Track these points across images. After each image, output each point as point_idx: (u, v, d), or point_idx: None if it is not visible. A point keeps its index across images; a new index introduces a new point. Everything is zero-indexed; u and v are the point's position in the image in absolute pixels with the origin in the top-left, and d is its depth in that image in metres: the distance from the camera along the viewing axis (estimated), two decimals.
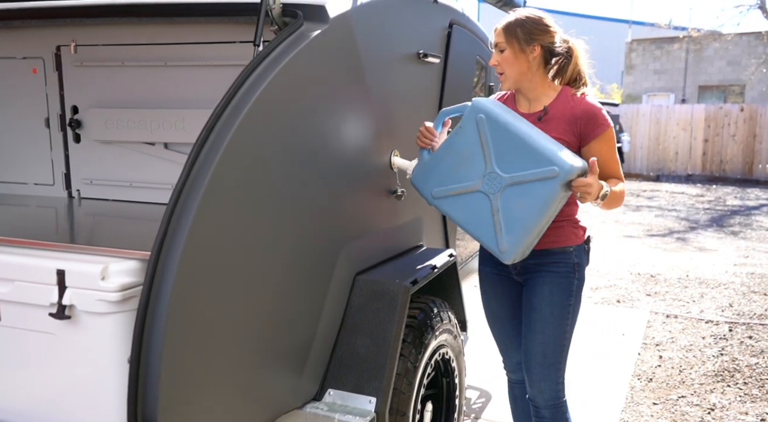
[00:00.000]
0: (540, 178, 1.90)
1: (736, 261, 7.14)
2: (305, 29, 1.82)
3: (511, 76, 2.12)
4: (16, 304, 1.60)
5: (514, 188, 1.95)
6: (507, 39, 2.11)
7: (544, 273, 2.18)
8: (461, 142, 2.04)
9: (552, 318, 2.17)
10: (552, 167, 1.88)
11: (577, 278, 2.19)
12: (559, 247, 2.17)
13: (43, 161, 2.74)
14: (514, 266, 2.24)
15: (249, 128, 1.59)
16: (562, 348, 2.20)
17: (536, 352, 2.20)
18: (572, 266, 2.18)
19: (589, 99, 2.13)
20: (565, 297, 2.17)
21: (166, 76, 2.51)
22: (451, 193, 2.06)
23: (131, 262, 1.56)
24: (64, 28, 2.55)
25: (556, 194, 1.89)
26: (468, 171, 2.03)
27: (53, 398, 1.61)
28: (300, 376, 1.92)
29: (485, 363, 3.88)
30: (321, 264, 1.95)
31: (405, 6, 2.46)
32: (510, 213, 1.96)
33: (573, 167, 1.88)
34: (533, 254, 2.14)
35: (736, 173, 16.90)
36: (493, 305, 2.38)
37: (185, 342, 1.47)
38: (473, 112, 2.03)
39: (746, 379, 3.82)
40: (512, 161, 1.95)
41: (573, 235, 2.20)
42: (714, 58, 20.91)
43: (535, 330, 2.19)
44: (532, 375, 2.22)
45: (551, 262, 2.17)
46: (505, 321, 2.37)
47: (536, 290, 2.19)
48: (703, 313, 5.19)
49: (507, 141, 1.96)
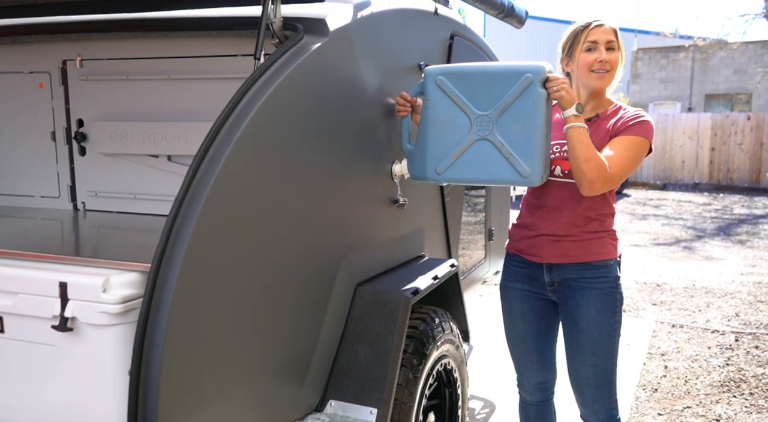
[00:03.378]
0: (520, 92, 1.98)
1: (743, 270, 7.10)
2: (305, 42, 1.84)
3: (611, 77, 2.11)
4: (19, 316, 1.61)
5: (503, 117, 2.02)
6: (617, 40, 2.10)
7: (587, 291, 2.12)
8: (435, 112, 2.10)
9: (602, 339, 2.11)
10: (525, 76, 1.97)
11: (619, 293, 2.15)
12: (600, 260, 2.13)
13: (49, 174, 2.77)
14: (551, 283, 2.19)
15: (249, 140, 1.61)
16: (613, 366, 2.15)
17: (588, 375, 2.15)
18: (614, 281, 2.13)
19: (641, 111, 2.13)
20: (611, 315, 2.12)
21: (169, 89, 2.54)
22: (454, 158, 2.09)
23: (132, 274, 1.58)
24: (70, 43, 2.59)
25: (542, 98, 1.97)
26: (456, 132, 2.08)
27: (55, 410, 1.62)
28: (301, 387, 1.93)
29: (489, 373, 3.87)
30: (322, 275, 1.96)
31: (406, 18, 2.48)
32: (513, 140, 2.01)
33: (542, 66, 1.97)
34: (573, 269, 2.11)
35: (743, 182, 16.83)
36: (518, 324, 2.30)
37: (185, 353, 1.48)
38: (430, 78, 2.10)
39: (752, 390, 3.80)
40: (488, 97, 2.02)
41: (612, 247, 2.15)
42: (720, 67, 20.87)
43: (585, 353, 2.14)
44: (585, 397, 2.18)
45: (594, 277, 2.12)
46: (529, 342, 2.30)
47: (582, 311, 2.13)
48: (709, 323, 5.16)
49: (473, 83, 2.04)
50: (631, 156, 2.04)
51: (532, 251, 2.22)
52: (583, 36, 2.10)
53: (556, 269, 2.19)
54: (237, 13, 2.20)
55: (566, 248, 2.15)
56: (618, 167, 2.01)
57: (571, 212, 2.14)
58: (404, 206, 2.38)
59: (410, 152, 2.22)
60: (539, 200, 2.22)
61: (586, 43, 2.10)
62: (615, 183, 2.04)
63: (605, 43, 2.09)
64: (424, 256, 2.67)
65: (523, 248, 2.26)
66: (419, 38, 2.59)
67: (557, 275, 2.18)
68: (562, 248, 2.16)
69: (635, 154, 2.05)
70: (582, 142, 1.97)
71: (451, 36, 2.89)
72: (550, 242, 2.17)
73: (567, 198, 2.14)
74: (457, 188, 3.04)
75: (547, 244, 2.18)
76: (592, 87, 2.13)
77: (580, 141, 1.97)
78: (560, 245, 2.16)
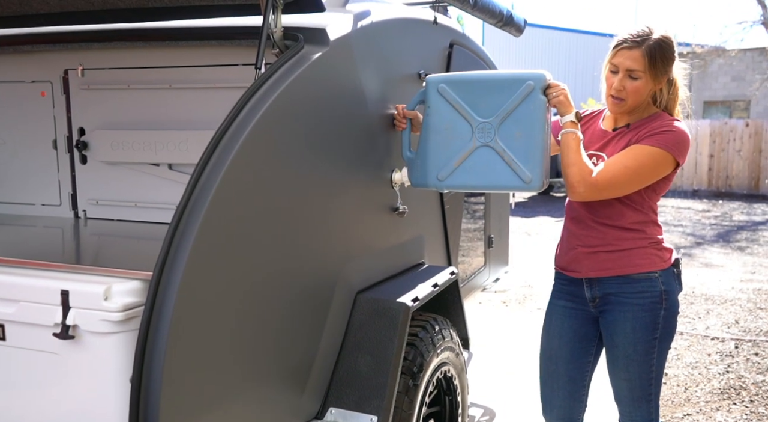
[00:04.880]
0: (521, 99, 2.01)
1: (742, 277, 7.11)
2: (306, 52, 1.85)
3: (632, 105, 2.00)
4: (21, 324, 1.62)
5: (505, 124, 2.04)
6: (649, 68, 1.92)
7: (626, 306, 2.05)
8: (437, 119, 2.12)
9: (636, 356, 2.07)
10: (527, 83, 2.00)
11: (665, 308, 2.05)
12: (643, 272, 2.04)
13: (50, 182, 2.78)
14: (593, 299, 2.14)
15: (250, 149, 1.62)
16: (649, 381, 2.10)
17: (623, 388, 2.14)
18: (659, 295, 2.04)
19: (676, 123, 2.00)
20: (649, 332, 2.05)
21: (170, 98, 2.55)
22: (455, 165, 2.11)
23: (134, 282, 1.59)
24: (72, 53, 2.61)
25: (542, 105, 2.00)
26: (458, 139, 2.10)
27: (56, 417, 1.62)
28: (301, 395, 1.93)
29: (489, 380, 3.87)
30: (322, 283, 1.97)
31: (405, 27, 2.50)
32: (515, 146, 2.04)
33: (542, 73, 2.01)
34: (613, 282, 2.07)
35: (742, 189, 16.85)
36: (553, 343, 2.25)
37: (186, 361, 1.49)
38: (432, 86, 2.13)
39: (752, 397, 3.79)
40: (490, 104, 2.05)
41: (657, 258, 2.06)
42: (718, 74, 20.93)
43: (619, 368, 2.12)
44: (623, 406, 2.17)
45: (635, 292, 2.04)
46: (560, 363, 2.24)
47: (618, 328, 2.08)
48: (709, 330, 5.16)
49: (474, 91, 2.07)
50: (631, 166, 1.94)
51: (572, 267, 2.18)
52: (610, 55, 2.02)
53: (596, 283, 2.13)
54: (238, 23, 2.22)
55: (602, 260, 2.09)
56: (608, 176, 1.94)
57: (600, 222, 2.08)
58: (404, 214, 2.39)
59: (411, 159, 2.23)
60: (571, 211, 2.19)
61: (610, 64, 2.01)
62: (603, 191, 1.96)
63: (625, 71, 1.95)
64: (424, 263, 2.68)
65: (564, 264, 2.23)
66: (419, 47, 2.61)
67: (598, 290, 2.13)
68: (597, 260, 2.10)
69: (641, 165, 1.94)
70: (571, 147, 1.98)
71: (450, 45, 2.91)
72: (586, 255, 2.12)
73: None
74: (456, 195, 3.06)
75: (583, 257, 2.13)
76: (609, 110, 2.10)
77: (569, 146, 1.99)
78: (596, 257, 2.10)
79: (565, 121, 2.01)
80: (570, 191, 2.01)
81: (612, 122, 2.13)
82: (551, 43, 23.62)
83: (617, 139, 2.07)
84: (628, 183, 1.97)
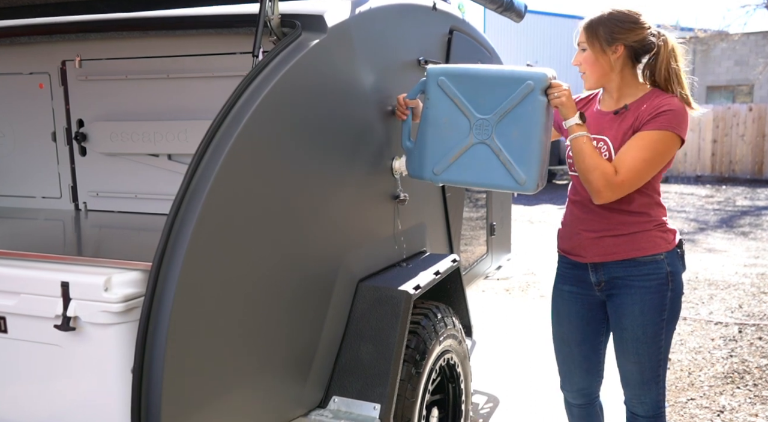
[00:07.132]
0: (520, 99, 1.97)
1: (746, 262, 7.09)
2: (303, 39, 1.84)
3: (592, 77, 2.04)
4: (22, 316, 1.62)
5: (503, 123, 2.01)
6: (588, 38, 2.00)
7: (633, 289, 2.05)
8: (435, 112, 2.10)
9: (645, 338, 2.07)
10: (526, 83, 1.95)
11: (672, 290, 2.05)
12: (648, 255, 2.03)
13: (50, 175, 2.77)
14: (598, 283, 2.13)
15: (248, 137, 1.61)
16: (658, 363, 2.11)
17: (633, 371, 2.13)
18: (665, 277, 2.04)
19: (674, 98, 1.96)
20: (657, 314, 2.05)
21: (168, 88, 2.54)
22: (451, 160, 2.09)
23: (134, 273, 1.58)
24: (69, 44, 2.59)
25: (541, 106, 1.96)
26: (455, 134, 2.08)
27: (58, 408, 1.63)
28: (304, 384, 1.93)
29: (492, 367, 3.88)
30: (324, 272, 1.97)
31: (404, 14, 2.48)
32: (511, 146, 2.01)
33: (544, 73, 1.95)
34: (619, 266, 2.06)
35: (745, 174, 16.79)
36: (564, 327, 2.26)
37: (188, 351, 1.49)
38: (432, 79, 2.09)
39: (756, 381, 3.79)
40: (489, 101, 2.02)
41: (663, 241, 2.05)
42: (721, 59, 20.80)
43: (629, 351, 2.11)
44: (632, 390, 2.16)
45: (641, 275, 2.04)
46: (573, 346, 2.26)
47: (626, 310, 2.07)
48: (713, 315, 5.15)
49: (475, 86, 2.04)
50: (648, 157, 1.92)
51: (576, 251, 2.16)
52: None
53: (601, 268, 2.12)
54: (235, 10, 2.20)
55: (607, 245, 2.08)
56: (629, 172, 1.93)
57: (605, 206, 2.05)
58: (405, 202, 2.38)
59: (410, 149, 2.22)
60: (575, 195, 2.16)
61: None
62: (627, 188, 1.95)
63: (579, 45, 2.05)
64: (425, 251, 2.67)
65: (567, 249, 2.21)
66: (418, 33, 2.59)
67: (603, 275, 2.12)
68: (602, 245, 2.08)
69: (655, 152, 1.93)
70: (585, 152, 1.94)
71: (450, 31, 2.88)
72: (590, 240, 2.10)
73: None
74: None
75: (588, 243, 2.11)
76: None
77: (583, 151, 1.94)
78: (601, 242, 2.08)
79: (570, 124, 1.95)
80: (596, 197, 1.96)
81: (611, 103, 2.09)
82: (552, 29, 23.50)
83: (619, 121, 2.04)
84: (648, 174, 1.97)
